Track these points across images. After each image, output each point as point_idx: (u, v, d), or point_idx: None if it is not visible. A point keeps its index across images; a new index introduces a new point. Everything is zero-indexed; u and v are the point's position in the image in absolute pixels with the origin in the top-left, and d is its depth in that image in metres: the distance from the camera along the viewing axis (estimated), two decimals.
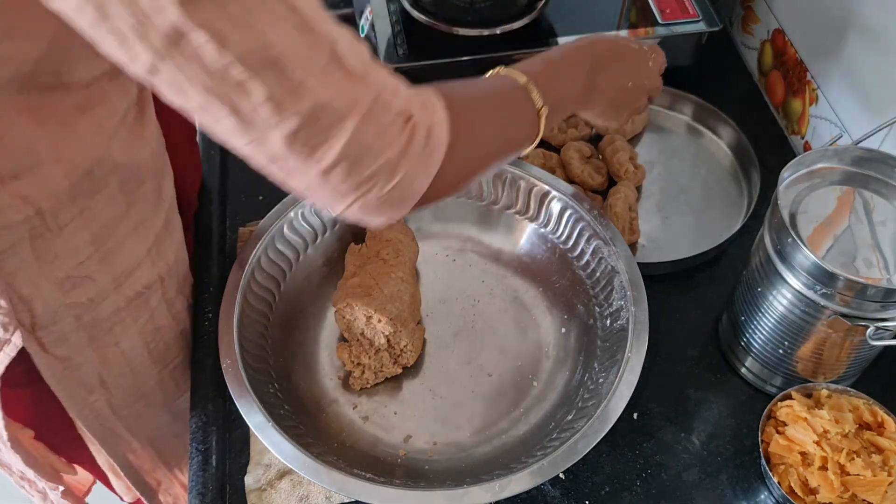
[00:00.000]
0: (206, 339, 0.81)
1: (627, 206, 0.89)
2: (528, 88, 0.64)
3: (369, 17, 1.03)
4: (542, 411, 0.77)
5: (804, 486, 0.69)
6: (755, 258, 0.74)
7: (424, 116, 0.53)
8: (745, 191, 0.95)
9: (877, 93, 0.85)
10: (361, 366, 0.77)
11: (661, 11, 1.02)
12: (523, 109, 0.64)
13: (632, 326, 0.74)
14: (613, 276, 0.79)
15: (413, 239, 0.85)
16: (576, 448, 0.67)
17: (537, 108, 0.64)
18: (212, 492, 0.73)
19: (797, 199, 0.69)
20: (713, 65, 1.08)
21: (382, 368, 0.77)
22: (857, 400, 0.73)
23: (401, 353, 0.78)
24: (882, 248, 0.66)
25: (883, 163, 0.70)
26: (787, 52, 1.00)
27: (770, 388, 0.79)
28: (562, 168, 0.94)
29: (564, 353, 0.81)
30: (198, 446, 0.75)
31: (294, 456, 0.67)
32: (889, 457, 0.69)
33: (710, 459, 0.76)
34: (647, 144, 1.01)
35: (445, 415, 0.77)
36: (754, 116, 1.04)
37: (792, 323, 0.71)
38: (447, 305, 0.85)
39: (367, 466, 0.70)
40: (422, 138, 0.53)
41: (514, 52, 0.99)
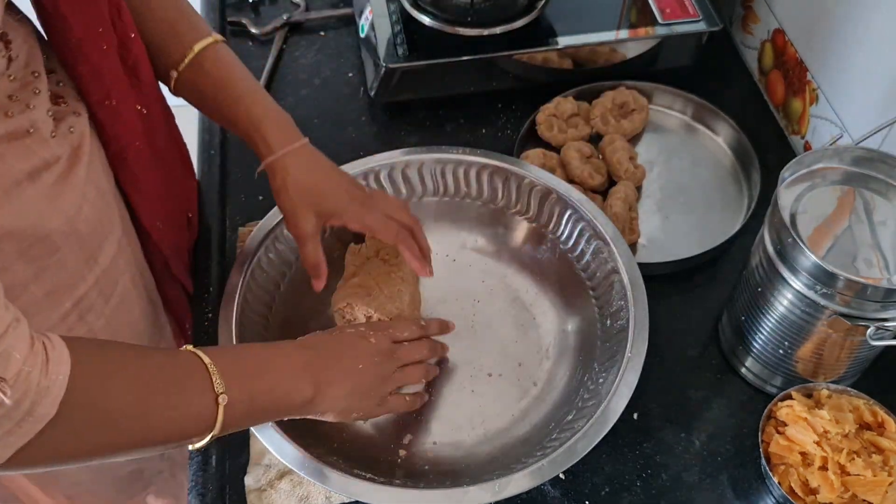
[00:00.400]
0: (206, 339, 0.81)
1: (627, 205, 0.89)
2: (209, 368, 0.58)
3: (369, 17, 1.03)
4: (542, 411, 0.76)
5: (804, 487, 0.69)
6: (755, 258, 0.73)
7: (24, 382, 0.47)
8: (745, 191, 0.95)
9: (877, 93, 0.85)
10: None
11: (661, 11, 1.02)
12: (193, 396, 0.57)
13: (632, 326, 0.74)
14: (613, 276, 0.79)
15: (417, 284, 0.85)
16: (576, 448, 0.67)
17: (216, 392, 0.57)
18: (212, 492, 0.73)
19: (797, 199, 0.69)
20: (713, 65, 1.08)
21: None
22: (857, 400, 0.73)
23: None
24: (882, 248, 0.66)
25: (883, 163, 0.70)
26: (788, 51, 1.00)
27: (770, 388, 0.79)
28: (562, 168, 0.94)
29: (564, 353, 0.81)
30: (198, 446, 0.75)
31: (294, 456, 0.67)
32: (889, 457, 0.69)
33: (710, 459, 0.76)
34: (646, 144, 1.01)
35: (445, 415, 0.77)
36: (754, 116, 1.04)
37: (792, 323, 0.71)
38: (447, 305, 0.85)
39: (366, 467, 0.70)
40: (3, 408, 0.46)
41: (514, 52, 0.99)
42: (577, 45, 1.00)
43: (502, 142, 1.01)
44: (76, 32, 0.61)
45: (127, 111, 0.68)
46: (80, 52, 0.62)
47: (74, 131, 0.64)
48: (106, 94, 0.65)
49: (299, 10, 1.16)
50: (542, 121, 0.98)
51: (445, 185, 0.89)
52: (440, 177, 0.88)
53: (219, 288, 0.84)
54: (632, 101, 1.00)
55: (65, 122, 0.64)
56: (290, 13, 1.15)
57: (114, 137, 0.68)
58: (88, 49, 0.63)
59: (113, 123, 0.67)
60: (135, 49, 0.68)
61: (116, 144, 0.68)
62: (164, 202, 0.76)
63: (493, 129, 1.03)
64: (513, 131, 1.02)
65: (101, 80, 0.65)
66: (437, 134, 1.02)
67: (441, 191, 0.89)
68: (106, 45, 0.64)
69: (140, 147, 0.70)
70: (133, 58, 0.68)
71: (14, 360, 0.46)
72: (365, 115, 1.04)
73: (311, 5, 1.17)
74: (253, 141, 0.73)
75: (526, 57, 1.00)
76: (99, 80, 0.65)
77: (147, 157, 0.72)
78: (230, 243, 0.91)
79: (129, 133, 0.69)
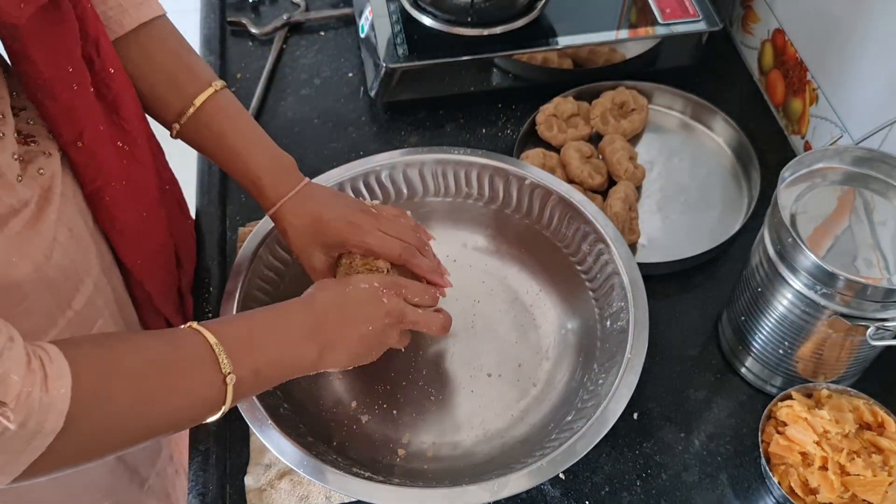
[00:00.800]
0: None
1: (627, 205, 0.89)
2: (215, 350, 0.58)
3: (369, 17, 1.03)
4: (542, 412, 0.76)
5: (804, 487, 0.69)
6: (755, 258, 0.73)
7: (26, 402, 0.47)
8: (745, 191, 0.95)
9: (877, 93, 0.84)
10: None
11: (661, 11, 1.02)
12: (200, 380, 0.57)
13: (631, 327, 0.74)
14: (613, 277, 0.78)
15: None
16: (574, 449, 0.67)
17: (224, 373, 0.58)
18: (212, 492, 0.73)
19: (797, 199, 0.69)
20: (713, 65, 1.08)
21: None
22: (857, 400, 0.73)
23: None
24: (882, 248, 0.66)
25: (883, 163, 0.70)
26: (788, 51, 1.00)
27: (770, 388, 0.79)
28: (562, 168, 0.94)
29: (564, 353, 0.81)
30: (198, 446, 0.75)
31: (294, 455, 0.67)
32: (889, 457, 0.69)
33: (710, 459, 0.76)
34: (646, 144, 1.01)
35: (445, 415, 0.77)
36: (754, 116, 1.04)
37: (792, 323, 0.71)
38: (447, 305, 0.84)
39: (366, 466, 0.70)
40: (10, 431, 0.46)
41: (514, 52, 0.99)
42: (577, 45, 1.00)
43: (502, 142, 1.01)
44: (44, 73, 0.59)
45: (103, 150, 0.66)
46: (48, 91, 0.60)
47: (45, 173, 0.62)
48: (78, 134, 0.63)
49: (299, 10, 1.16)
50: (541, 121, 0.98)
51: (446, 185, 0.89)
52: (440, 177, 0.88)
53: (219, 288, 0.85)
54: (632, 100, 1.00)
55: (33, 164, 0.61)
56: (290, 13, 1.15)
57: (89, 178, 0.65)
58: (58, 88, 0.60)
59: (87, 164, 0.65)
60: (115, 85, 0.66)
61: (92, 185, 0.66)
62: (147, 241, 0.74)
63: (493, 129, 1.03)
64: (513, 131, 1.02)
65: (73, 120, 0.62)
66: (437, 134, 1.02)
67: (441, 191, 0.89)
68: (77, 83, 0.62)
69: (118, 187, 0.67)
70: (113, 94, 0.66)
71: (13, 383, 0.46)
72: (365, 115, 1.04)
73: (311, 5, 1.17)
74: (253, 194, 0.75)
75: (526, 57, 1.00)
76: (70, 119, 0.62)
77: (127, 197, 0.69)
78: (230, 243, 0.91)
79: (105, 173, 0.66)
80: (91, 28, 0.63)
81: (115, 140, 0.68)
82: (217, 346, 0.58)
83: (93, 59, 0.63)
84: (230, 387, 0.58)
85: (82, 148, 0.63)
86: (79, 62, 0.62)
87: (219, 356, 0.58)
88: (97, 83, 0.65)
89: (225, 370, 0.58)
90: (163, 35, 0.73)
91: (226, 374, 0.58)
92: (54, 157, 0.63)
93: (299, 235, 0.74)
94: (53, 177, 0.62)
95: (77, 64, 0.61)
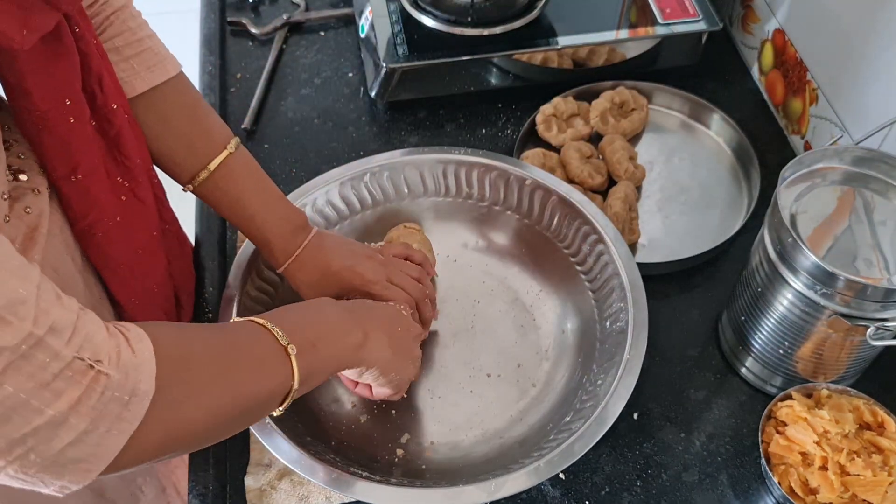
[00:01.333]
0: None
1: (627, 205, 0.89)
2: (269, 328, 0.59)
3: (369, 18, 1.03)
4: (541, 412, 0.76)
5: (804, 487, 0.69)
6: (755, 258, 0.73)
7: (118, 362, 0.46)
8: (745, 191, 0.95)
9: (877, 93, 0.84)
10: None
11: (661, 11, 1.02)
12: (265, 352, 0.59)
13: (631, 329, 0.74)
14: (613, 277, 0.78)
15: (430, 250, 0.85)
16: (573, 450, 0.67)
17: (283, 344, 0.59)
18: (212, 492, 0.73)
19: (797, 199, 0.69)
20: (713, 65, 1.08)
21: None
22: (857, 400, 0.73)
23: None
24: (882, 248, 0.66)
25: (883, 163, 0.70)
26: (787, 51, 1.00)
27: (770, 388, 0.79)
28: (562, 168, 0.94)
29: (563, 354, 0.81)
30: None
31: (292, 455, 0.67)
32: (889, 457, 0.69)
33: (710, 459, 0.76)
34: (647, 144, 1.01)
35: (444, 415, 0.77)
36: (754, 116, 1.04)
37: (792, 323, 0.71)
38: (447, 305, 0.85)
39: (364, 465, 0.70)
40: (110, 389, 0.45)
41: (514, 52, 0.99)
42: (577, 45, 1.00)
43: (502, 142, 1.01)
44: (41, 106, 0.57)
45: (98, 185, 0.64)
46: (44, 124, 0.58)
47: (31, 212, 0.60)
48: (73, 169, 0.61)
49: (299, 10, 1.16)
50: (541, 121, 0.98)
51: (446, 185, 0.89)
52: (441, 177, 0.88)
53: (219, 288, 0.85)
54: (631, 100, 1.00)
55: (21, 202, 0.59)
56: (290, 13, 1.15)
57: (80, 213, 0.64)
58: (54, 121, 0.59)
59: (80, 199, 0.63)
60: (117, 121, 0.65)
61: (83, 221, 0.64)
62: (142, 280, 0.72)
63: (493, 129, 1.03)
64: (513, 131, 1.02)
65: (68, 154, 0.61)
66: (437, 134, 1.02)
67: (442, 191, 0.89)
68: (74, 117, 0.60)
69: (111, 224, 0.66)
70: (115, 130, 0.65)
71: (101, 342, 0.46)
72: (365, 115, 1.04)
73: (311, 5, 1.17)
74: (264, 254, 0.77)
75: (526, 57, 1.00)
76: (65, 153, 0.60)
77: (122, 234, 0.67)
78: (230, 243, 0.91)
79: (98, 209, 0.64)
80: (94, 63, 0.62)
81: (115, 175, 0.66)
82: (269, 324, 0.59)
83: (95, 94, 0.62)
84: (293, 357, 0.59)
85: (76, 182, 0.62)
86: (78, 95, 0.60)
87: (273, 331, 0.59)
88: (98, 118, 0.63)
89: (283, 342, 0.59)
90: (178, 95, 0.72)
91: (286, 346, 0.59)
92: (42, 195, 0.61)
93: (310, 288, 0.76)
94: (41, 216, 0.61)
95: (76, 97, 0.60)
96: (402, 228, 0.85)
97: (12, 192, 0.60)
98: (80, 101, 0.61)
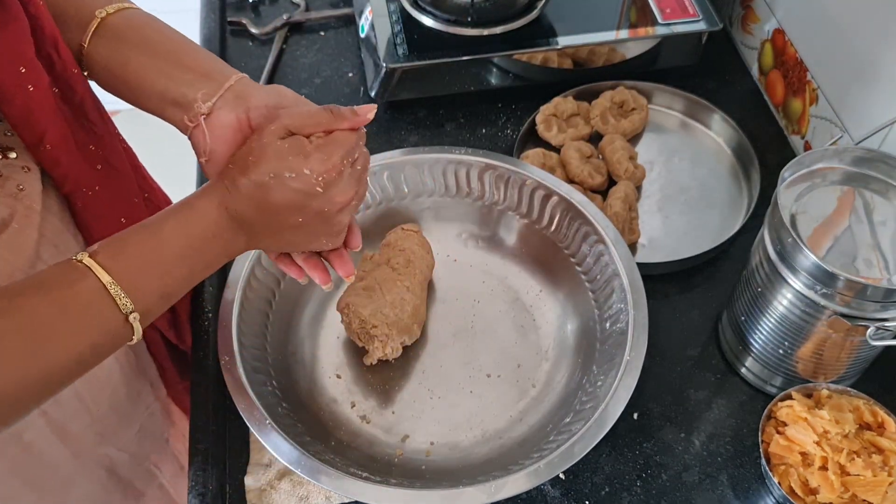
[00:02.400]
0: (206, 338, 0.81)
1: (627, 205, 0.89)
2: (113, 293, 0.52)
3: (369, 18, 1.03)
4: (540, 413, 0.76)
5: (804, 487, 0.69)
6: (755, 258, 0.73)
7: None
8: (745, 191, 0.95)
9: (877, 93, 0.84)
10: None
11: (661, 11, 1.02)
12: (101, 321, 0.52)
13: (631, 330, 0.73)
14: (613, 278, 0.78)
15: (429, 252, 0.85)
16: (572, 451, 0.67)
17: (125, 312, 0.52)
18: (212, 492, 0.73)
19: (797, 199, 0.69)
20: (713, 65, 1.08)
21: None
22: (857, 400, 0.73)
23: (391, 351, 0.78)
24: (882, 248, 0.66)
25: (883, 163, 0.70)
26: (787, 51, 1.00)
27: (770, 389, 0.79)
28: (562, 168, 0.94)
29: (563, 355, 0.81)
30: (198, 446, 0.75)
31: (291, 455, 0.67)
32: (889, 457, 0.69)
33: (710, 460, 0.76)
34: (646, 144, 1.01)
35: (443, 415, 0.77)
36: (754, 116, 1.04)
37: (792, 323, 0.71)
38: (447, 305, 0.85)
39: (364, 466, 0.70)
40: None
41: (514, 52, 0.99)
42: (577, 45, 1.00)
43: (502, 142, 1.01)
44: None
45: (69, 156, 0.62)
46: (2, 95, 0.56)
47: (24, 189, 0.59)
48: (39, 138, 0.59)
49: (299, 10, 1.16)
50: (541, 121, 0.98)
51: (446, 184, 0.89)
52: (441, 177, 0.88)
53: (218, 288, 0.84)
54: (631, 100, 1.00)
55: (12, 181, 0.59)
56: (290, 13, 1.15)
57: (57, 185, 0.62)
58: (11, 92, 0.57)
59: (52, 168, 0.61)
60: (79, 87, 0.63)
61: (60, 190, 0.63)
62: None
63: (493, 129, 1.03)
64: (513, 131, 1.02)
65: (32, 123, 0.59)
66: (437, 134, 1.02)
67: (441, 191, 0.89)
68: (32, 84, 0.58)
69: (90, 193, 0.64)
70: (79, 97, 0.63)
71: None
72: None
73: (311, 5, 1.17)
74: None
75: (526, 57, 1.00)
76: (29, 122, 0.59)
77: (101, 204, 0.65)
78: None
79: (72, 179, 0.63)
80: (48, 27, 0.59)
81: (87, 144, 0.64)
82: (112, 286, 0.52)
83: (52, 59, 0.60)
84: (135, 322, 0.53)
85: (46, 152, 0.60)
86: (32, 62, 0.58)
87: (115, 297, 0.52)
88: (60, 85, 0.61)
89: (126, 310, 0.52)
90: None
91: (127, 314, 0.53)
92: (34, 171, 0.61)
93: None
94: (34, 193, 0.60)
95: (31, 63, 0.58)
96: (399, 231, 0.85)
97: (3, 171, 0.59)
98: (35, 69, 0.58)
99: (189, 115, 0.60)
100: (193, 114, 0.60)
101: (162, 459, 0.88)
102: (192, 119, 0.60)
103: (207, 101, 0.60)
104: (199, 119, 0.60)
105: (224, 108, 0.60)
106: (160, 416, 0.87)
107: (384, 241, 0.85)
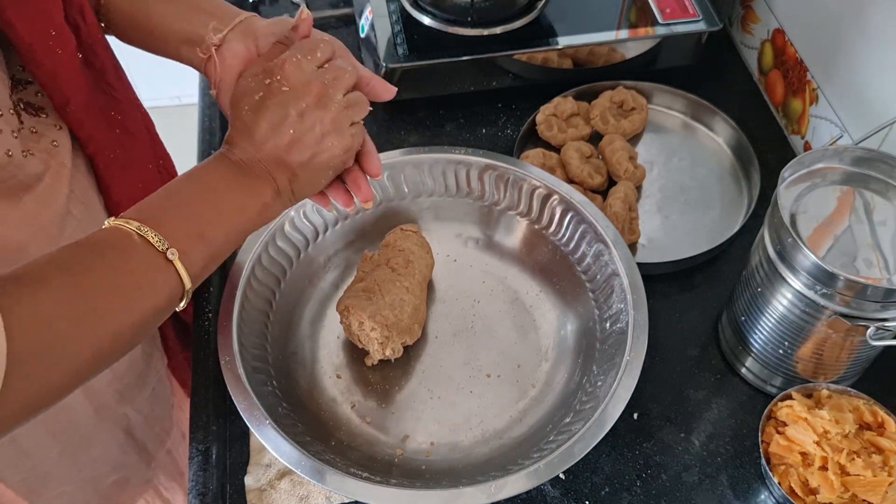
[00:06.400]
0: (206, 338, 0.82)
1: (627, 205, 0.89)
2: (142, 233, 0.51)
3: (369, 18, 1.03)
4: (540, 413, 0.76)
5: (804, 487, 0.69)
6: (755, 258, 0.73)
7: None
8: (745, 191, 0.95)
9: (877, 93, 0.84)
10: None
11: (661, 11, 1.02)
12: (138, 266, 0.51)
13: (631, 330, 0.73)
14: (613, 279, 0.78)
15: (429, 252, 0.85)
16: (572, 451, 0.67)
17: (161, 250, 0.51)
18: (212, 492, 0.73)
19: (797, 199, 0.69)
20: (713, 64, 1.08)
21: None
22: (857, 400, 0.73)
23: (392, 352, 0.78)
24: (882, 248, 0.66)
25: (883, 163, 0.70)
26: (787, 51, 1.00)
27: (770, 389, 0.79)
28: (562, 168, 0.94)
29: (563, 355, 0.81)
30: (198, 446, 0.75)
31: (291, 455, 0.67)
32: (889, 457, 0.69)
33: (710, 460, 0.76)
34: (646, 144, 1.01)
35: (443, 415, 0.77)
36: (754, 116, 1.04)
37: (792, 323, 0.71)
38: (447, 305, 0.85)
39: (364, 465, 0.70)
40: None
41: (514, 52, 0.99)
42: (577, 45, 1.00)
43: (502, 142, 1.01)
44: (25, 38, 0.57)
45: (92, 119, 0.64)
46: (32, 57, 0.59)
47: (58, 145, 0.61)
48: (66, 100, 0.61)
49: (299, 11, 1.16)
50: (541, 121, 0.98)
51: (446, 184, 0.89)
52: (441, 177, 0.88)
53: (219, 287, 0.85)
54: (631, 100, 1.00)
55: (46, 137, 0.60)
56: (291, 13, 1.15)
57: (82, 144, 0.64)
58: (41, 54, 0.59)
59: (78, 130, 0.63)
60: (102, 52, 0.65)
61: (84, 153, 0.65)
62: None
63: (493, 129, 1.03)
64: (513, 131, 1.02)
65: (59, 85, 0.61)
66: (437, 134, 1.02)
67: (441, 191, 0.89)
68: (61, 48, 0.60)
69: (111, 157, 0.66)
70: (101, 61, 0.65)
71: None
72: None
73: (311, 5, 1.17)
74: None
75: (526, 57, 1.00)
76: (56, 85, 0.61)
77: (119, 168, 0.67)
78: None
79: (95, 142, 0.64)
80: None
81: (108, 109, 0.66)
82: (141, 228, 0.51)
83: (79, 26, 0.62)
84: (177, 262, 0.52)
85: (71, 113, 0.62)
86: (62, 27, 0.60)
87: (146, 235, 0.51)
88: (84, 50, 0.63)
89: (161, 247, 0.51)
90: None
91: (164, 251, 0.51)
92: (64, 129, 0.63)
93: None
94: (65, 150, 0.62)
95: (60, 28, 0.60)
96: (398, 231, 0.85)
97: (35, 128, 0.60)
98: (64, 32, 0.61)
99: (201, 47, 0.63)
100: (206, 45, 0.63)
101: (170, 425, 0.89)
102: (204, 51, 0.63)
103: (218, 34, 0.63)
104: (211, 50, 0.62)
105: (234, 39, 0.63)
106: (167, 381, 0.89)
107: (383, 241, 0.85)
